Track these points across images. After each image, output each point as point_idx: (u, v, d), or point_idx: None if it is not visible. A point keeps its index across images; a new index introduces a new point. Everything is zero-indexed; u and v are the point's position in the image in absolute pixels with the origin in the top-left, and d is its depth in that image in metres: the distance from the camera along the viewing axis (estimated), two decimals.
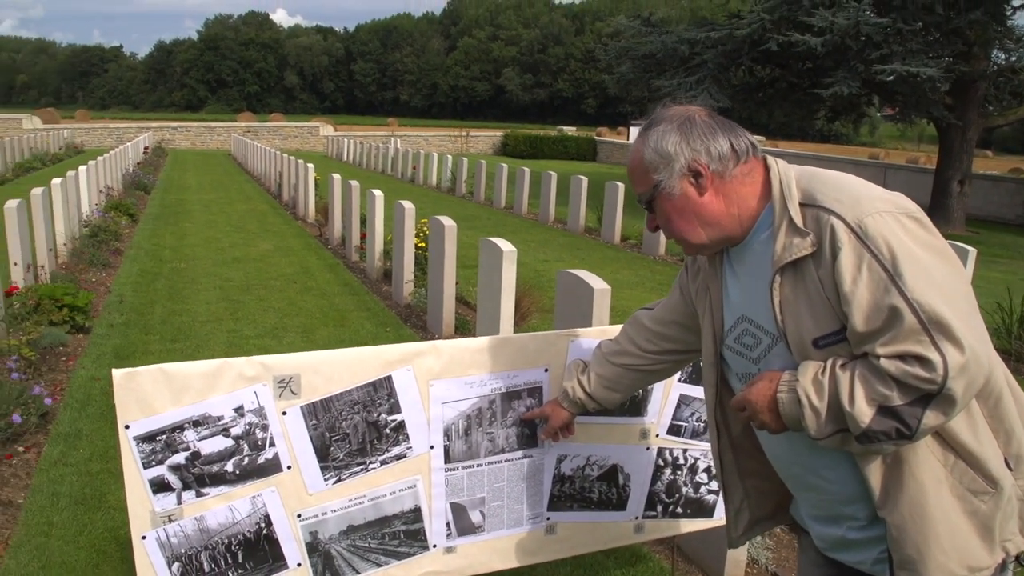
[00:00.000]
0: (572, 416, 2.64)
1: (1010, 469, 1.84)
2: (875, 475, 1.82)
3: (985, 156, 44.50)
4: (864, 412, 1.68)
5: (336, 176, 13.12)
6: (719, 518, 3.21)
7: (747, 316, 2.00)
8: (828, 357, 1.77)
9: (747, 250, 1.97)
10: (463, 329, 7.62)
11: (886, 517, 1.82)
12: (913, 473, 1.79)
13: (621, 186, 14.37)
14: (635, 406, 2.95)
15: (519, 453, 2.80)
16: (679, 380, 3.00)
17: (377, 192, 10.04)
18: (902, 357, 1.64)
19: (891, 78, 16.55)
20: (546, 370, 2.75)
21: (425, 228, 9.34)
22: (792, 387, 1.78)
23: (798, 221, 1.80)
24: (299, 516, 2.51)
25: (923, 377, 1.61)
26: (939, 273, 1.67)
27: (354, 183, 11.92)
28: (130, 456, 2.30)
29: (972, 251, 6.81)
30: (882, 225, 1.70)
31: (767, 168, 1.94)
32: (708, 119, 1.95)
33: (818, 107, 21.64)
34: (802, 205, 1.82)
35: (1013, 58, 17.72)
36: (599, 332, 2.82)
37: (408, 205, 8.75)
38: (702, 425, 3.05)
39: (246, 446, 2.41)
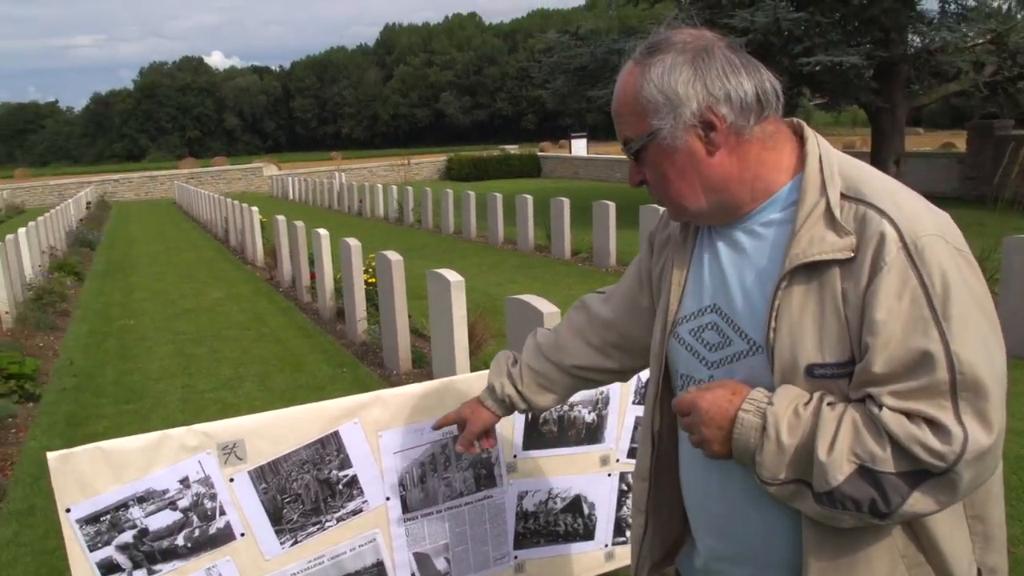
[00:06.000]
0: (496, 419, 2.11)
1: None
2: (818, 549, 1.43)
3: (917, 134, 45.33)
4: (840, 467, 1.31)
5: (281, 218, 12.94)
6: None
7: (719, 307, 1.55)
8: (815, 391, 1.39)
9: (746, 229, 1.53)
10: (421, 363, 7.54)
11: None
12: (869, 560, 1.42)
13: (567, 202, 14.42)
14: (591, 433, 2.91)
15: (479, 495, 2.75)
16: (633, 402, 2.97)
17: (323, 231, 9.94)
18: (912, 416, 1.29)
19: (817, 68, 16.86)
20: None
21: (373, 263, 9.26)
22: (761, 410, 1.39)
23: (837, 213, 1.39)
24: None
25: (932, 448, 1.27)
26: (985, 329, 1.32)
27: (299, 223, 11.79)
28: (74, 540, 2.23)
29: None
30: (942, 253, 1.33)
31: (802, 139, 1.52)
32: (731, 53, 1.49)
33: None
34: (844, 197, 1.41)
35: (927, 40, 18.08)
36: None
37: (354, 242, 8.67)
38: None
39: (195, 517, 2.34)
